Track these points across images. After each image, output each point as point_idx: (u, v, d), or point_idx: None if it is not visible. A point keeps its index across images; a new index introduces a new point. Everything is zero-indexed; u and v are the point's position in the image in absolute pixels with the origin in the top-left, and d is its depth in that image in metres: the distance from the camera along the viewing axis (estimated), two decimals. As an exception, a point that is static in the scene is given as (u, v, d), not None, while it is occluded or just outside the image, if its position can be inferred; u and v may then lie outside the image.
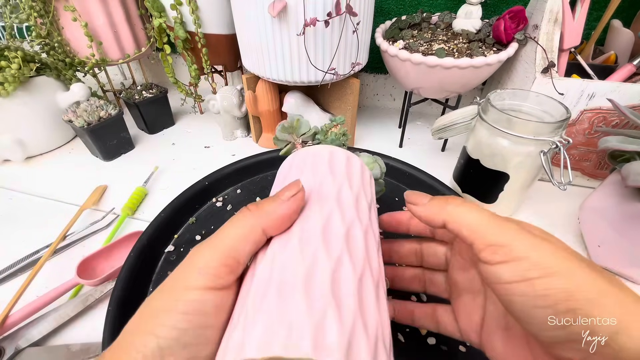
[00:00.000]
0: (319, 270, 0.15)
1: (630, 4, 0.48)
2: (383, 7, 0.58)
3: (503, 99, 0.38)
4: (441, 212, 0.18)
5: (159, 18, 0.51)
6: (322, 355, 0.12)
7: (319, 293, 0.14)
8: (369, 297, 0.15)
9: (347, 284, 0.15)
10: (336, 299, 0.14)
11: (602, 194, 0.36)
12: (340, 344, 0.12)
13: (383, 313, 0.15)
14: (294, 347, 0.12)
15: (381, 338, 0.14)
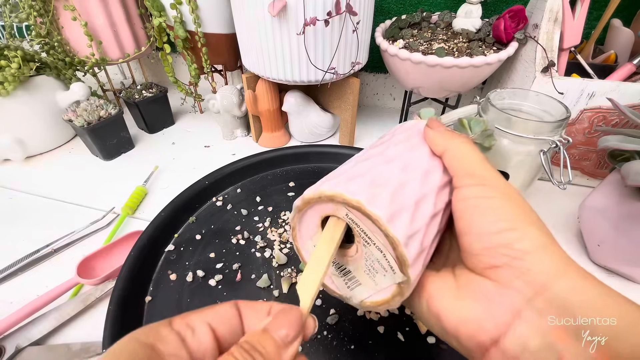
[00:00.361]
0: (409, 188, 0.18)
1: (630, 3, 0.48)
2: (383, 6, 0.58)
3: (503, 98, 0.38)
4: (445, 143, 0.20)
5: (158, 17, 0.51)
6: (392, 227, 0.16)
7: (403, 199, 0.17)
8: (432, 230, 0.18)
9: (425, 211, 0.18)
10: (414, 211, 0.17)
11: (601, 193, 0.36)
12: (405, 233, 0.16)
13: (433, 247, 0.19)
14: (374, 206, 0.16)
15: (425, 254, 0.18)
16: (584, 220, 0.38)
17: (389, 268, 0.17)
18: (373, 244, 0.17)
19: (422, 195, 0.18)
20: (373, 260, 0.18)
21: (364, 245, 0.18)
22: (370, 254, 0.18)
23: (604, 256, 0.36)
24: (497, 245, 0.16)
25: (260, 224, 0.41)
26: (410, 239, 0.16)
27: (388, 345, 0.30)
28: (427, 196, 0.18)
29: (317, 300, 0.33)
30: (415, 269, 0.17)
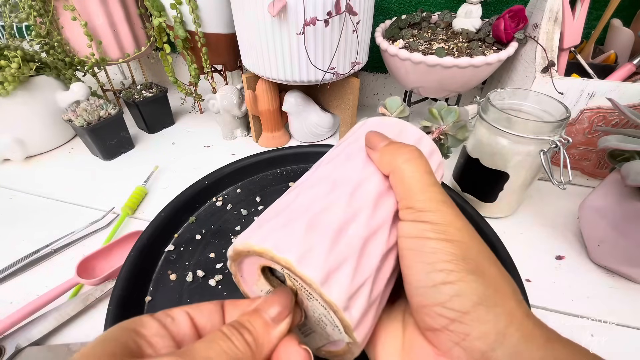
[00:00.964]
0: (356, 226, 0.16)
1: (630, 3, 0.48)
2: (383, 6, 0.58)
3: (503, 98, 0.38)
4: (391, 164, 0.18)
5: (158, 17, 0.51)
6: (329, 291, 0.14)
7: (347, 244, 0.15)
8: (385, 272, 0.16)
9: (374, 253, 0.16)
10: (359, 258, 0.15)
11: (601, 193, 0.36)
12: (345, 295, 0.14)
13: (389, 288, 0.17)
14: (305, 267, 0.14)
15: (377, 304, 0.16)
16: (584, 220, 0.38)
17: (335, 326, 0.16)
18: (315, 300, 0.15)
19: (372, 231, 0.16)
20: (319, 314, 0.16)
21: (307, 298, 0.16)
22: (315, 308, 0.16)
23: (604, 256, 0.36)
24: (433, 303, 0.14)
25: (260, 224, 0.41)
26: (353, 299, 0.14)
27: (388, 345, 0.30)
28: (379, 230, 0.16)
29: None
30: (362, 329, 0.15)
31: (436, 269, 0.14)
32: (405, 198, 0.17)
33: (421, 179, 0.17)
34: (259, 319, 0.14)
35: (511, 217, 0.44)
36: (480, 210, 0.41)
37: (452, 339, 0.14)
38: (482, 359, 0.13)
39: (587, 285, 0.36)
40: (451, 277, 0.14)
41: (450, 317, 0.14)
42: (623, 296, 0.35)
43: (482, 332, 0.13)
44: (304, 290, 0.16)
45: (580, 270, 0.38)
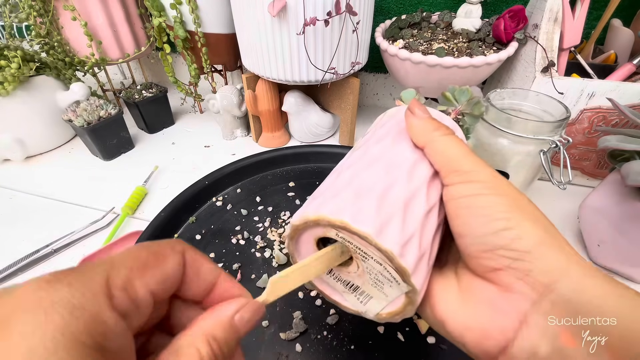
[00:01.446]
0: (397, 189, 0.17)
1: (630, 3, 0.48)
2: (383, 6, 0.58)
3: (503, 98, 0.38)
4: (427, 135, 0.19)
5: (158, 17, 0.51)
6: (383, 240, 0.15)
7: (391, 204, 0.17)
8: (429, 229, 0.17)
9: (416, 212, 0.17)
10: (404, 215, 0.16)
11: (601, 193, 0.36)
12: (398, 243, 0.15)
13: (435, 244, 0.18)
14: (360, 223, 0.15)
15: (427, 256, 0.17)
16: (584, 220, 0.38)
17: (393, 279, 0.17)
18: (371, 258, 0.17)
19: (411, 194, 0.17)
20: (376, 273, 0.17)
21: (362, 260, 0.17)
22: (372, 267, 0.17)
23: (604, 256, 0.36)
24: (495, 247, 0.15)
25: (260, 224, 0.41)
26: (406, 246, 0.16)
27: (388, 345, 0.30)
28: (416, 193, 0.18)
29: (317, 300, 0.33)
30: (418, 276, 0.16)
31: (496, 219, 0.15)
32: (448, 164, 0.17)
33: (460, 148, 0.18)
34: (235, 336, 0.14)
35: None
36: (480, 210, 0.41)
37: (515, 276, 0.15)
38: (546, 291, 0.14)
39: (587, 285, 0.36)
40: (511, 223, 0.15)
41: (512, 257, 0.15)
42: (623, 296, 0.35)
43: (545, 268, 0.14)
44: (359, 253, 0.17)
45: (580, 270, 0.38)
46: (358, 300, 0.19)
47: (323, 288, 0.21)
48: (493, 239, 0.15)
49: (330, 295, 0.20)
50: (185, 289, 0.14)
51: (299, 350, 0.29)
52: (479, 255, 0.16)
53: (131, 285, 0.12)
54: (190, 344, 0.13)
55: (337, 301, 0.20)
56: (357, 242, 0.17)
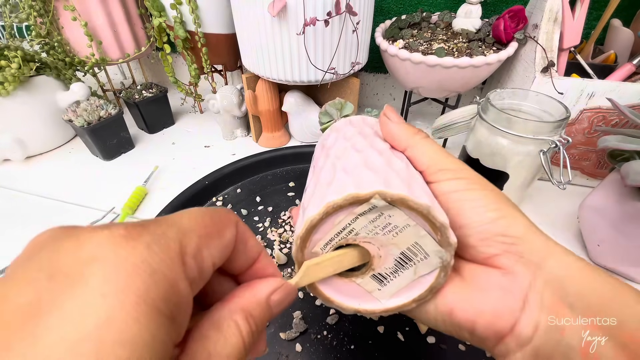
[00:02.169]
0: (372, 159, 0.19)
1: (630, 3, 0.48)
2: (383, 6, 0.58)
3: (503, 99, 0.38)
4: (408, 139, 0.20)
5: (158, 17, 0.51)
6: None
7: (378, 168, 0.18)
8: (401, 171, 0.19)
9: (397, 165, 0.19)
10: (390, 170, 0.18)
11: (601, 193, 0.36)
12: (403, 187, 0.16)
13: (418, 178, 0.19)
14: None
15: (423, 189, 0.18)
16: (583, 220, 0.38)
17: (424, 251, 0.17)
18: (404, 229, 0.17)
19: (411, 173, 0.19)
20: (410, 245, 0.17)
21: (394, 235, 0.17)
22: (402, 241, 0.17)
23: (604, 256, 0.36)
24: (493, 235, 0.17)
25: (260, 224, 0.41)
26: (434, 202, 0.17)
27: (388, 345, 0.30)
28: (415, 175, 0.19)
29: (317, 300, 0.33)
30: None
31: (490, 209, 0.17)
32: (434, 164, 0.19)
33: (441, 149, 0.20)
34: (269, 313, 0.14)
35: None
36: (480, 210, 0.41)
37: (513, 259, 0.16)
38: (538, 270, 0.16)
39: (587, 285, 0.36)
40: (502, 213, 0.17)
41: (509, 242, 0.17)
42: (623, 296, 0.35)
43: (535, 249, 0.16)
44: (388, 231, 0.17)
45: (580, 270, 0.38)
46: (381, 283, 0.19)
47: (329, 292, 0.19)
48: (491, 227, 0.17)
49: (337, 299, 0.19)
50: (231, 261, 0.14)
51: (299, 350, 0.29)
52: (477, 244, 0.17)
53: (200, 254, 0.12)
54: (229, 318, 0.13)
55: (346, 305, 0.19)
56: (387, 214, 0.16)
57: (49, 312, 0.09)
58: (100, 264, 0.09)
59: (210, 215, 0.13)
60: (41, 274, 0.09)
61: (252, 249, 0.15)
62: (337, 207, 0.16)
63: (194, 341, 0.12)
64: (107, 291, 0.09)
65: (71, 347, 0.08)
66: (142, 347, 0.09)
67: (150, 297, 0.09)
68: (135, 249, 0.10)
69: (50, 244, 0.10)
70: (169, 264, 0.10)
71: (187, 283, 0.11)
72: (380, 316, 0.32)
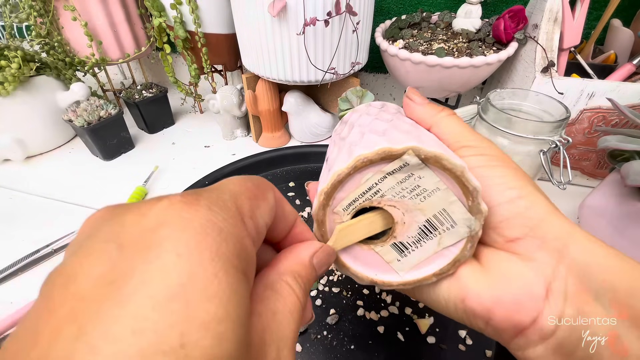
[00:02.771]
0: (400, 124, 0.18)
1: (630, 4, 0.48)
2: (383, 6, 0.58)
3: (503, 99, 0.38)
4: (433, 117, 0.20)
5: (158, 17, 0.51)
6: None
7: (409, 130, 0.18)
8: None
9: (426, 132, 0.19)
10: (421, 132, 0.18)
11: (601, 193, 0.36)
12: (437, 147, 0.15)
13: None
14: (455, 157, 0.16)
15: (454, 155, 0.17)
16: (583, 220, 0.38)
17: (452, 220, 0.16)
18: (434, 193, 0.16)
19: (440, 143, 0.19)
20: (437, 211, 0.16)
21: (422, 200, 0.16)
22: (430, 206, 0.16)
23: (604, 256, 0.36)
24: (512, 215, 0.16)
25: (260, 224, 0.41)
26: None
27: (388, 345, 0.30)
28: (444, 145, 0.19)
29: (317, 300, 0.33)
30: None
31: (510, 187, 0.16)
32: (459, 140, 0.18)
33: (465, 126, 0.19)
34: (314, 274, 0.15)
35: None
36: (480, 210, 0.41)
37: (534, 244, 0.15)
38: (560, 256, 0.15)
39: (587, 285, 0.36)
40: (524, 192, 0.16)
41: (529, 225, 0.16)
42: (623, 296, 0.35)
43: (556, 234, 0.15)
44: (416, 194, 0.16)
45: (580, 270, 0.38)
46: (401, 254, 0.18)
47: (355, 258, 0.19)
48: (510, 207, 0.16)
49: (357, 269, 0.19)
50: (272, 226, 0.14)
51: (299, 350, 0.29)
52: (497, 225, 0.16)
53: (254, 214, 0.12)
54: (281, 280, 0.13)
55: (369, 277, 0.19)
56: (416, 182, 0.16)
57: (128, 278, 0.09)
58: (168, 227, 0.10)
59: (252, 181, 0.14)
60: (110, 245, 0.09)
61: (289, 214, 0.16)
62: (367, 162, 0.15)
63: (255, 303, 0.12)
64: (182, 251, 0.09)
65: (160, 306, 0.08)
66: (227, 301, 0.09)
67: (223, 253, 0.10)
68: (198, 211, 0.10)
69: (110, 219, 0.10)
70: (233, 223, 0.11)
71: (251, 240, 0.11)
72: (380, 316, 0.32)
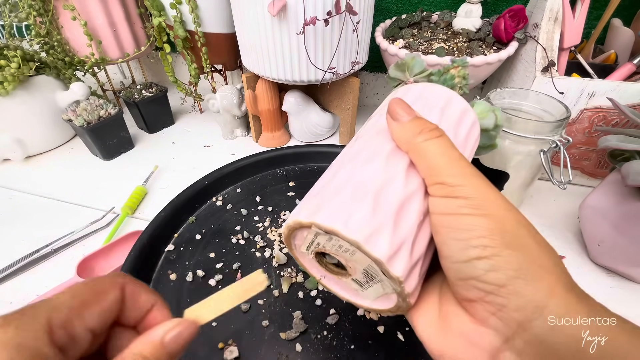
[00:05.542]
0: (392, 190, 0.17)
1: (631, 3, 0.48)
2: (383, 5, 0.58)
3: (503, 98, 0.38)
4: (409, 141, 0.17)
5: (158, 17, 0.51)
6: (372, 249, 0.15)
7: (386, 207, 0.16)
8: (425, 231, 0.17)
9: (410, 217, 0.16)
10: (396, 221, 0.16)
11: (602, 193, 0.36)
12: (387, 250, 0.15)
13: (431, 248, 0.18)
14: (352, 232, 0.15)
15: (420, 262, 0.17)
16: (584, 220, 0.38)
17: (378, 274, 0.17)
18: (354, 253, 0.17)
19: (408, 194, 0.17)
20: (365, 268, 0.17)
21: (350, 256, 0.17)
22: (358, 263, 0.17)
23: (604, 256, 0.36)
24: (468, 277, 0.14)
25: (260, 224, 0.41)
26: (397, 253, 0.15)
27: (388, 345, 0.30)
28: (414, 194, 0.17)
29: (317, 300, 0.33)
30: (410, 282, 0.16)
31: (471, 245, 0.14)
32: (432, 175, 0.16)
33: (445, 154, 0.16)
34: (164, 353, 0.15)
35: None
36: (480, 210, 0.41)
37: (488, 310, 0.14)
38: (520, 329, 0.13)
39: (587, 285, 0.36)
40: (486, 252, 0.14)
41: (485, 290, 0.14)
42: (623, 296, 0.35)
43: (520, 304, 0.13)
44: (344, 250, 0.17)
45: (580, 270, 0.38)
46: (359, 289, 0.19)
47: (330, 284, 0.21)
48: (466, 269, 0.14)
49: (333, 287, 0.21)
50: (123, 317, 0.16)
51: (299, 350, 0.29)
52: (454, 282, 0.15)
53: (70, 323, 0.14)
54: None
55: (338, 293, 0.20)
56: (347, 244, 0.16)
57: None
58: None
59: (90, 286, 0.15)
60: None
61: (144, 302, 0.16)
62: (293, 229, 0.18)
63: None
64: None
65: None
66: None
67: None
68: (5, 332, 0.12)
69: None
70: (34, 337, 0.13)
71: (54, 348, 0.13)
72: (380, 315, 0.32)
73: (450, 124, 0.21)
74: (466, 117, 0.23)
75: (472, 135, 0.23)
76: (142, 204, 0.47)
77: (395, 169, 0.17)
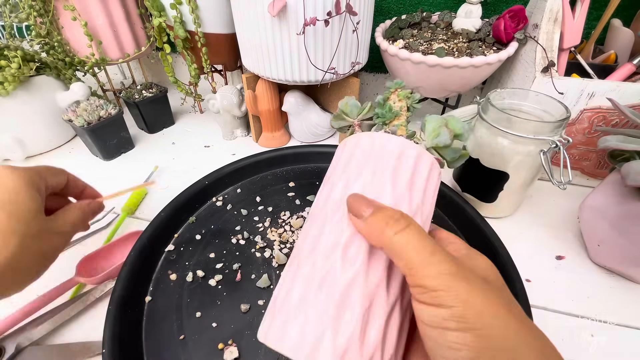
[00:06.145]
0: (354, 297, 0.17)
1: (630, 3, 0.48)
2: (383, 6, 0.58)
3: (503, 98, 0.38)
4: (380, 238, 0.16)
5: (158, 17, 0.51)
6: None
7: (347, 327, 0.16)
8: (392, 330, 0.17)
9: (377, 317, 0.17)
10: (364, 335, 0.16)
11: (601, 193, 0.36)
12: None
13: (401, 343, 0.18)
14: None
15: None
16: (584, 220, 0.38)
17: None
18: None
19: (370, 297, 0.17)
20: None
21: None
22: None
23: (604, 256, 0.36)
24: None
25: (260, 224, 0.41)
26: None
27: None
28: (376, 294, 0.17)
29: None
30: None
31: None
32: (411, 275, 0.15)
33: (420, 249, 0.15)
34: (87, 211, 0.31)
35: (511, 217, 0.44)
36: (480, 211, 0.41)
37: None
38: None
39: (587, 285, 0.36)
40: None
41: None
42: (623, 296, 0.35)
43: None
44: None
45: (580, 270, 0.38)
46: None
47: None
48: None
49: None
50: (68, 190, 0.31)
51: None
52: None
53: (47, 178, 0.28)
54: (73, 207, 0.30)
55: None
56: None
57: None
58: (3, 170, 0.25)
59: (52, 168, 0.29)
60: None
61: (80, 184, 0.32)
62: None
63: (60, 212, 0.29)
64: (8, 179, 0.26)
65: None
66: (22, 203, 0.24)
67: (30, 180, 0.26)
68: (17, 169, 0.26)
69: None
70: (32, 175, 0.26)
71: (44, 182, 0.27)
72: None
73: (404, 186, 0.20)
74: (421, 166, 0.22)
75: (430, 184, 0.22)
76: (142, 204, 0.47)
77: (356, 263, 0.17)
